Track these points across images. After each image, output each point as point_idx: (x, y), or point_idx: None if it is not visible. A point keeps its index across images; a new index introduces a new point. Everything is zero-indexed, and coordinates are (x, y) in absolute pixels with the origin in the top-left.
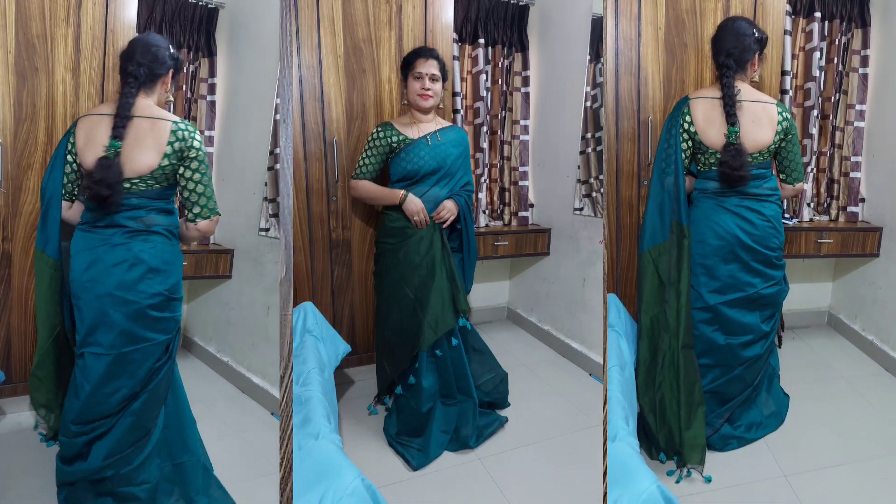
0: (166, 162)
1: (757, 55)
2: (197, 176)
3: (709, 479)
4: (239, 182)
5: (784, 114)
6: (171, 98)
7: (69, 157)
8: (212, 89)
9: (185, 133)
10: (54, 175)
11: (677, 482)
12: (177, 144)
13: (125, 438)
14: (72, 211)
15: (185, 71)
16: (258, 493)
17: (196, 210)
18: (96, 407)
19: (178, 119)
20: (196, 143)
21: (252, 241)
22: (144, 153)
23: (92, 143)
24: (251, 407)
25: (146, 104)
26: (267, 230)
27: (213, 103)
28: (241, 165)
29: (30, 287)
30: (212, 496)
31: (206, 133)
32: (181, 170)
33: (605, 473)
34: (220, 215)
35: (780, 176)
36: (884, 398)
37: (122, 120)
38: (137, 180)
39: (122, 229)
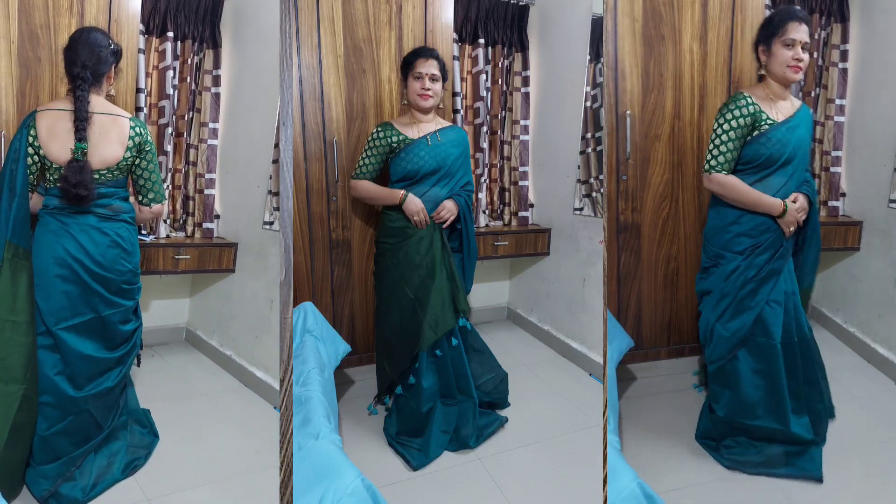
0: (128, 154)
1: (773, 40)
2: (151, 166)
3: None
4: (243, 175)
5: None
6: (113, 92)
7: (30, 150)
8: (216, 81)
9: (141, 129)
10: (20, 167)
11: None
12: (137, 139)
13: (116, 390)
14: (33, 201)
15: (189, 62)
16: (259, 486)
17: (151, 195)
18: (91, 367)
19: (130, 115)
20: (149, 137)
21: (256, 234)
22: (110, 147)
23: (56, 137)
24: (253, 400)
25: (99, 101)
26: (271, 224)
27: (217, 95)
28: (245, 158)
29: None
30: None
31: (211, 125)
32: (138, 161)
33: (605, 480)
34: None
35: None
36: (866, 389)
37: (82, 123)
38: (105, 171)
39: (93, 215)
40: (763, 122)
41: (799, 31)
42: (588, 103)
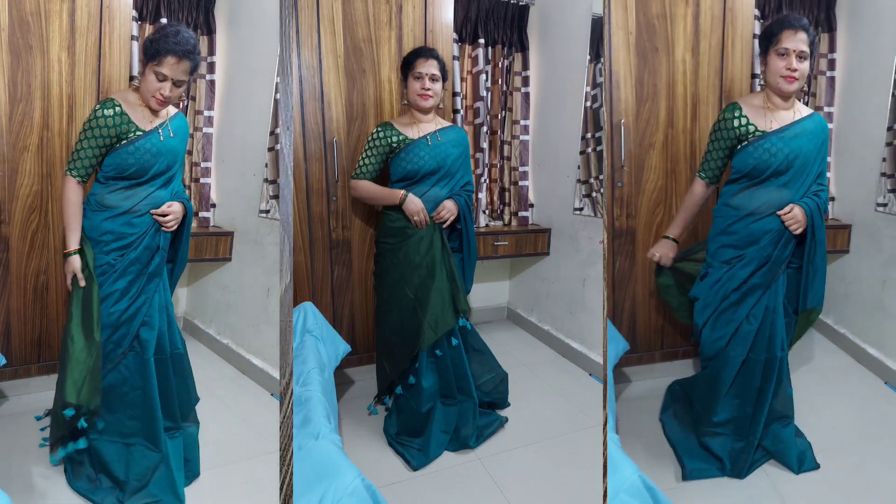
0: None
1: (769, 49)
2: (78, 136)
3: None
4: (239, 163)
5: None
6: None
7: None
8: (211, 68)
9: (97, 108)
10: None
11: None
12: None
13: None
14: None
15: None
16: (257, 472)
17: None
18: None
19: (109, 99)
20: (94, 113)
21: (252, 222)
22: None
23: None
24: (251, 388)
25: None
26: (267, 212)
27: (212, 83)
28: (241, 146)
29: (28, 269)
30: None
31: (206, 113)
32: None
33: (605, 476)
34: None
35: None
36: (857, 389)
37: None
38: None
39: None
40: (750, 133)
41: (793, 40)
42: (588, 103)
